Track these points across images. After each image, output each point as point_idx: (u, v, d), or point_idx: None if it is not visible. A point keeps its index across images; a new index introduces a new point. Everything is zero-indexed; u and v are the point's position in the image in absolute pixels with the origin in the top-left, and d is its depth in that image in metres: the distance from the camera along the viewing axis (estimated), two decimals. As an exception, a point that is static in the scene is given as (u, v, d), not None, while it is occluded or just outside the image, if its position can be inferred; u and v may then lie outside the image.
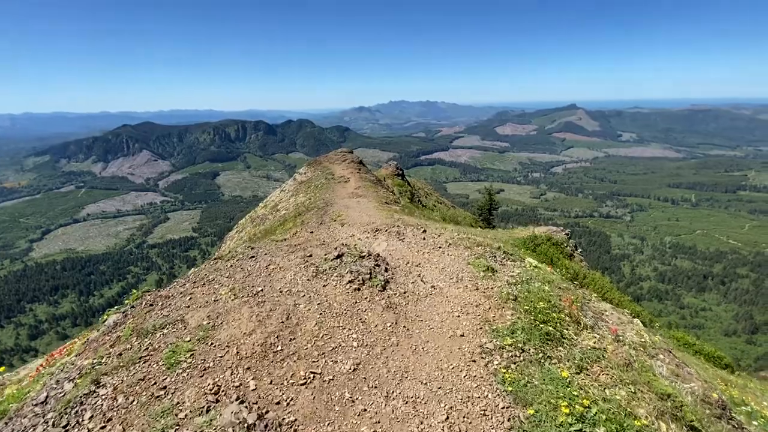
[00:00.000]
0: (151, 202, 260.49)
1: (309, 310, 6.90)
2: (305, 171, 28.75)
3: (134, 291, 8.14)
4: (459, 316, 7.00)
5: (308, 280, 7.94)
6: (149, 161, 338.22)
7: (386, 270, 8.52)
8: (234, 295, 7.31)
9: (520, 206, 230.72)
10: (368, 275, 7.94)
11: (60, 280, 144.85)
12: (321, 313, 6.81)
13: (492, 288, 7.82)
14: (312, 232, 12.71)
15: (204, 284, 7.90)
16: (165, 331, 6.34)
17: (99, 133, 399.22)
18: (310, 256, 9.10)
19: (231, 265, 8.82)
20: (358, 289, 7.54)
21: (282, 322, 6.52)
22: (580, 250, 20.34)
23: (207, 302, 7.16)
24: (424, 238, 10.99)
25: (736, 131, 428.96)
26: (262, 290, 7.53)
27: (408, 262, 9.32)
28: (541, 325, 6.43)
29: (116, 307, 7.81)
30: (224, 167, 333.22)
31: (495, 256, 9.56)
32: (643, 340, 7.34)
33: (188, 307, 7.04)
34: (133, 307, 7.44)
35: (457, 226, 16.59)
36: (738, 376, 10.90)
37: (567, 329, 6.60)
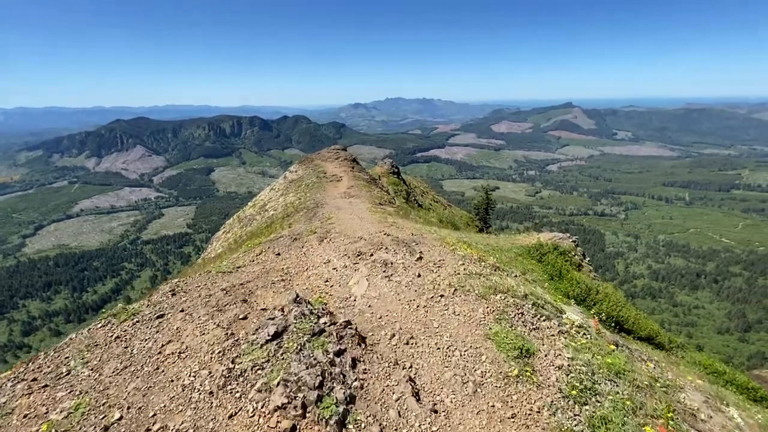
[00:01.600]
0: (146, 197, 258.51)
1: None
2: (296, 169, 28.26)
3: None
4: None
5: (210, 393, 4.77)
6: (143, 156, 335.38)
7: (353, 364, 5.27)
8: None
9: (516, 204, 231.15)
10: (317, 390, 4.61)
11: (53, 276, 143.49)
12: None
13: (538, 412, 4.82)
14: (279, 254, 10.34)
15: (44, 387, 5.07)
16: None
17: (92, 128, 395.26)
18: (244, 318, 6.40)
19: (116, 337, 6.10)
20: (294, 429, 4.25)
21: None
22: (588, 258, 19.80)
23: None
24: (419, 275, 8.25)
25: (730, 130, 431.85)
26: (119, 419, 4.53)
27: (394, 333, 6.37)
28: None
29: None
30: (219, 163, 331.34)
31: (523, 314, 6.86)
32: None
33: None
34: None
35: (457, 233, 15.77)
36: None
37: None
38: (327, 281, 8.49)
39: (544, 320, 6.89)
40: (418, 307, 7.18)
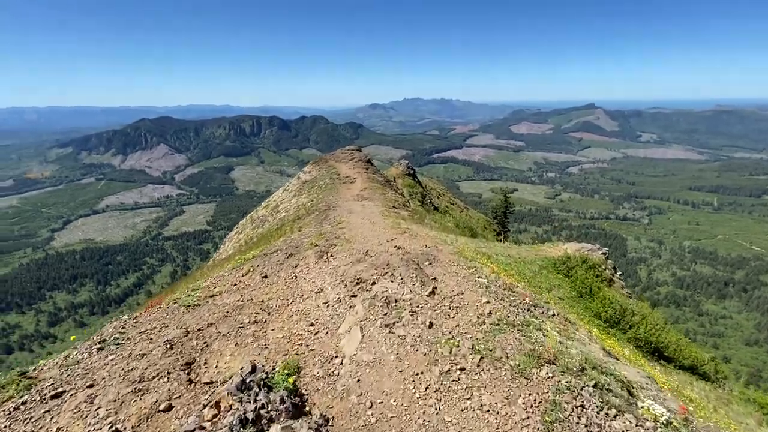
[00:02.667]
0: (168, 195, 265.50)
1: None
2: (310, 170, 28.20)
3: None
4: None
5: None
6: (166, 155, 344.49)
7: None
8: None
9: (534, 206, 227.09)
10: None
11: (79, 269, 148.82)
12: None
13: None
14: (266, 276, 9.14)
15: None
16: None
17: (119, 126, 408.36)
18: (167, 409, 4.68)
19: None
20: None
21: None
22: (620, 272, 18.16)
23: None
24: (431, 325, 6.37)
25: (762, 133, 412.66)
26: None
27: None
28: None
29: None
30: (239, 162, 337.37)
31: (583, 407, 4.68)
32: None
33: None
34: None
35: (475, 242, 14.86)
36: None
37: None
38: (312, 325, 6.84)
39: (614, 416, 4.63)
40: (427, 389, 5.05)
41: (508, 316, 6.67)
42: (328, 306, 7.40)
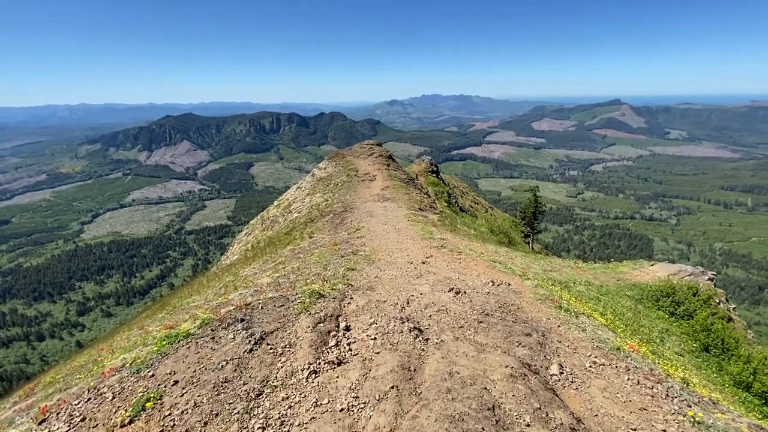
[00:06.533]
0: (190, 190, 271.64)
1: None
2: (325, 165, 27.00)
3: None
4: None
5: None
6: (189, 151, 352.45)
7: None
8: None
9: (555, 205, 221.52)
10: None
11: (106, 261, 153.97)
12: None
13: None
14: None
15: None
16: None
17: (145, 123, 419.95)
18: None
19: None
20: None
21: None
22: (734, 305, 13.24)
23: None
24: None
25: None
26: None
27: None
28: None
29: None
30: (258, 158, 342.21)
31: None
32: None
33: None
34: None
35: (538, 261, 12.51)
36: None
37: None
38: None
39: None
40: None
41: None
42: None
